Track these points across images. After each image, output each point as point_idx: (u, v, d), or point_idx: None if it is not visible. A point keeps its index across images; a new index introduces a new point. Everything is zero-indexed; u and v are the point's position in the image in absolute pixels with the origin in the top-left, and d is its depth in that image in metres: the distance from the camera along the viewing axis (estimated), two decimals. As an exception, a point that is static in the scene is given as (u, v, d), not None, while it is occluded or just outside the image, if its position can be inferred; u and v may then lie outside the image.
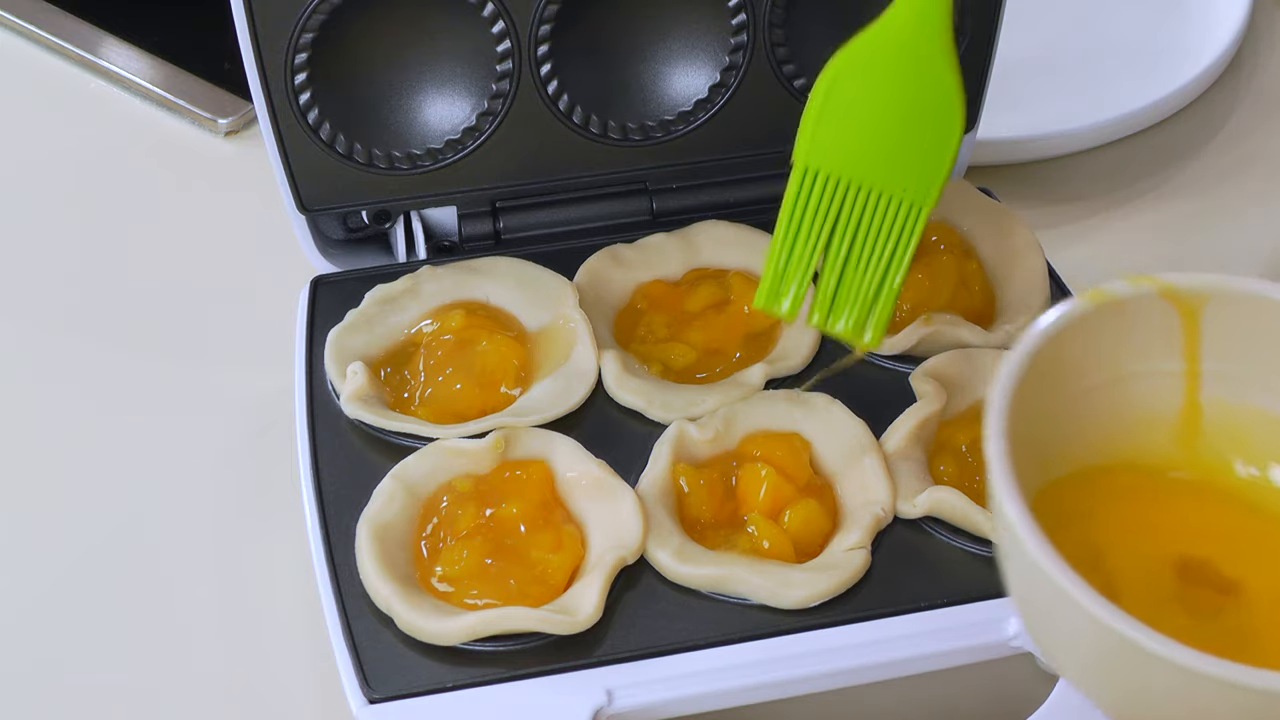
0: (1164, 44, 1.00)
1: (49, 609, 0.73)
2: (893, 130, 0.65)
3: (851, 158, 0.64)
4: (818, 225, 0.65)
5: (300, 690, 0.69)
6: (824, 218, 0.65)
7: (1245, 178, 0.95)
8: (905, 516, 0.68)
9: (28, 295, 0.88)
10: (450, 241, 0.81)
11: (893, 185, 0.65)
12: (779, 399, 0.72)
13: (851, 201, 0.65)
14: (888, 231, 0.65)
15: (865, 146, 0.64)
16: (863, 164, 0.64)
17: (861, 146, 0.64)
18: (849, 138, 0.64)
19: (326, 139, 0.76)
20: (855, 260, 0.66)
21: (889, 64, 0.64)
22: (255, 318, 0.85)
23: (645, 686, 0.63)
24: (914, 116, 0.65)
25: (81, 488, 0.78)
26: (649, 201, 0.82)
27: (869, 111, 0.64)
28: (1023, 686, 0.68)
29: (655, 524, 0.67)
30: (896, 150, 0.65)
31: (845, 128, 0.64)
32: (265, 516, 0.76)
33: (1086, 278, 0.79)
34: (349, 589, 0.65)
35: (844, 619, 0.65)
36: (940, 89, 0.65)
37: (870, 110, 0.64)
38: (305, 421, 0.72)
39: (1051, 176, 0.94)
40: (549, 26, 0.76)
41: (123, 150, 0.97)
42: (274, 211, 0.79)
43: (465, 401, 0.72)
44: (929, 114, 0.65)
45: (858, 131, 0.64)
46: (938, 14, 0.64)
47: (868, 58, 0.64)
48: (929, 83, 0.65)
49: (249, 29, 0.73)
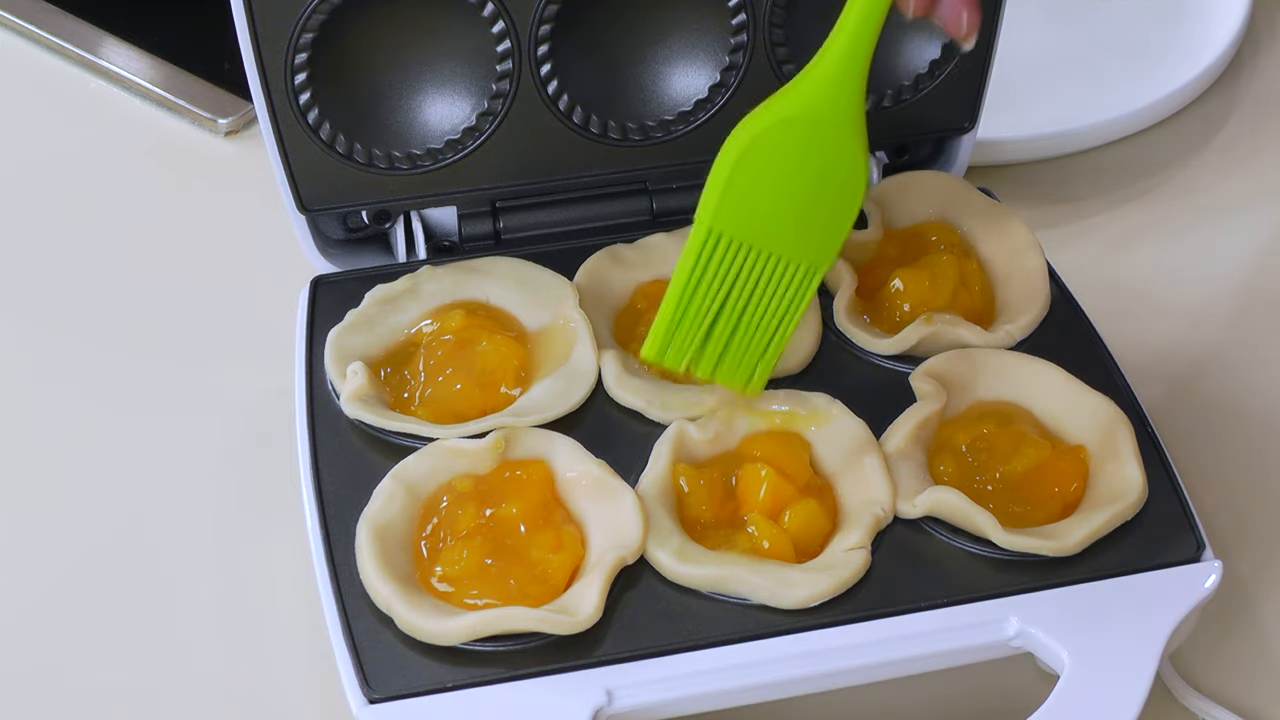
0: (1164, 44, 1.00)
1: (49, 609, 0.73)
2: (799, 200, 0.66)
3: (756, 225, 0.65)
4: (715, 285, 0.66)
5: (300, 690, 0.69)
6: (722, 278, 0.66)
7: (1245, 178, 0.95)
8: (905, 516, 0.68)
9: (28, 295, 0.88)
10: (450, 241, 0.81)
11: (793, 250, 0.66)
12: (779, 399, 0.72)
13: (751, 263, 0.66)
14: (783, 292, 0.67)
15: (770, 215, 0.65)
16: (767, 231, 0.66)
17: (767, 214, 0.65)
18: (755, 205, 0.65)
19: (326, 139, 0.76)
20: (749, 319, 0.67)
21: (800, 136, 0.65)
22: (255, 318, 0.85)
23: (645, 686, 0.63)
24: (820, 186, 0.66)
25: (81, 488, 0.78)
26: (649, 201, 0.82)
27: (777, 181, 0.65)
28: (1023, 686, 0.68)
29: (655, 524, 0.67)
30: (801, 218, 0.66)
31: (752, 196, 0.65)
32: (265, 516, 0.76)
33: (1086, 278, 0.80)
34: (349, 589, 0.65)
35: (844, 619, 0.64)
36: (848, 159, 0.66)
37: (778, 180, 0.65)
38: (305, 421, 0.72)
39: (1051, 176, 0.94)
40: (549, 26, 0.76)
41: (123, 150, 0.97)
42: (274, 211, 0.79)
43: (465, 401, 0.72)
44: (835, 183, 0.66)
45: (764, 200, 0.65)
46: (853, 84, 0.65)
47: (780, 130, 0.65)
48: (837, 153, 0.66)
49: (249, 29, 0.73)
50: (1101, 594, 0.66)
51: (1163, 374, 0.82)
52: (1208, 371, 0.84)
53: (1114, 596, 0.65)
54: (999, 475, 0.70)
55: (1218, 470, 0.78)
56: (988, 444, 0.70)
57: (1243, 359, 0.84)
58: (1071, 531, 0.67)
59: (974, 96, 0.83)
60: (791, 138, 0.65)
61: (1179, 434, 0.77)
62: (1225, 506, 0.76)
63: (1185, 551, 0.67)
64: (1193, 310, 0.87)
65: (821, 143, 0.65)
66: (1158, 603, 0.65)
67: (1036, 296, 0.77)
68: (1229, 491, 0.77)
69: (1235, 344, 0.85)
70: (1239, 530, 0.75)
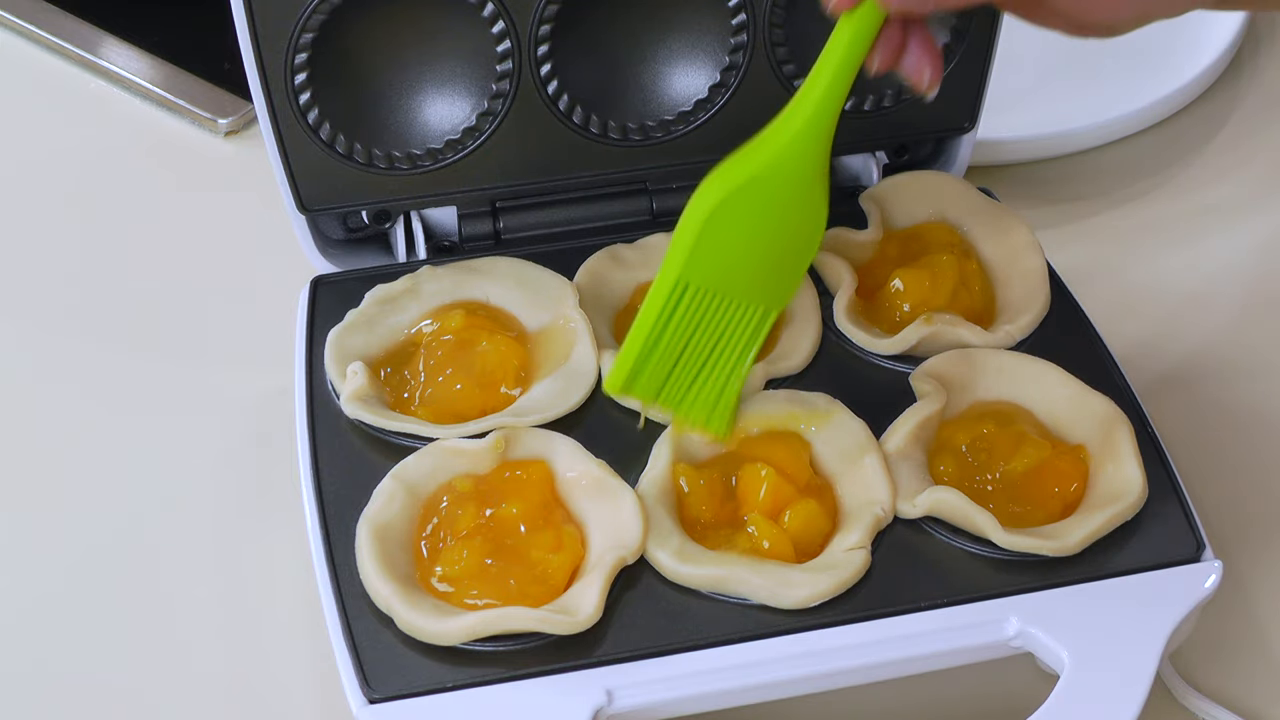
0: (1164, 44, 1.00)
1: (49, 609, 0.73)
2: (762, 250, 0.68)
3: (722, 274, 0.68)
4: (681, 329, 0.68)
5: (300, 690, 0.69)
6: (688, 323, 0.68)
7: (1245, 178, 0.95)
8: (905, 516, 0.68)
9: (28, 295, 0.88)
10: (450, 241, 0.81)
11: (754, 295, 0.68)
12: (779, 399, 0.72)
13: (713, 307, 0.68)
14: (740, 331, 0.69)
15: (735, 264, 0.68)
16: (731, 279, 0.68)
17: (732, 265, 0.68)
18: (722, 258, 0.67)
19: (326, 139, 0.76)
20: (711, 360, 0.69)
21: (766, 192, 0.67)
22: (255, 318, 0.85)
23: (645, 686, 0.63)
24: (783, 236, 0.68)
25: (81, 488, 0.78)
26: (649, 201, 0.82)
27: (743, 235, 0.68)
28: (1023, 686, 0.68)
29: (655, 524, 0.67)
30: (763, 266, 0.68)
31: (720, 249, 0.67)
32: (265, 516, 0.76)
33: (1086, 278, 0.80)
34: (349, 589, 0.65)
35: (844, 619, 0.64)
36: (811, 209, 0.68)
37: (745, 234, 0.67)
38: (305, 421, 0.72)
39: (1051, 176, 0.94)
40: (549, 26, 0.76)
41: (123, 150, 0.97)
42: (274, 211, 0.79)
43: (465, 401, 0.72)
44: (797, 232, 0.68)
45: (731, 252, 0.68)
46: (821, 141, 0.67)
47: (749, 189, 0.67)
48: (802, 205, 0.68)
49: (249, 29, 0.73)
50: (1101, 594, 0.66)
51: (1163, 374, 0.82)
52: (1208, 371, 0.84)
53: (1114, 596, 0.65)
54: (999, 475, 0.70)
55: (1218, 470, 0.78)
56: (988, 444, 0.70)
57: (1243, 359, 0.84)
58: (1071, 531, 0.67)
59: (974, 96, 0.83)
60: (759, 195, 0.67)
61: (1179, 434, 0.77)
62: (1225, 506, 0.76)
63: (1185, 551, 0.67)
64: (1193, 310, 0.87)
65: (787, 197, 0.67)
66: (1158, 603, 0.65)
67: (1036, 296, 0.77)
68: (1229, 491, 0.77)
69: (1235, 344, 0.85)
70: (1239, 530, 0.75)
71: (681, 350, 0.68)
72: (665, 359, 0.68)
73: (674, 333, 0.68)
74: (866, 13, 0.64)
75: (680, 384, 0.69)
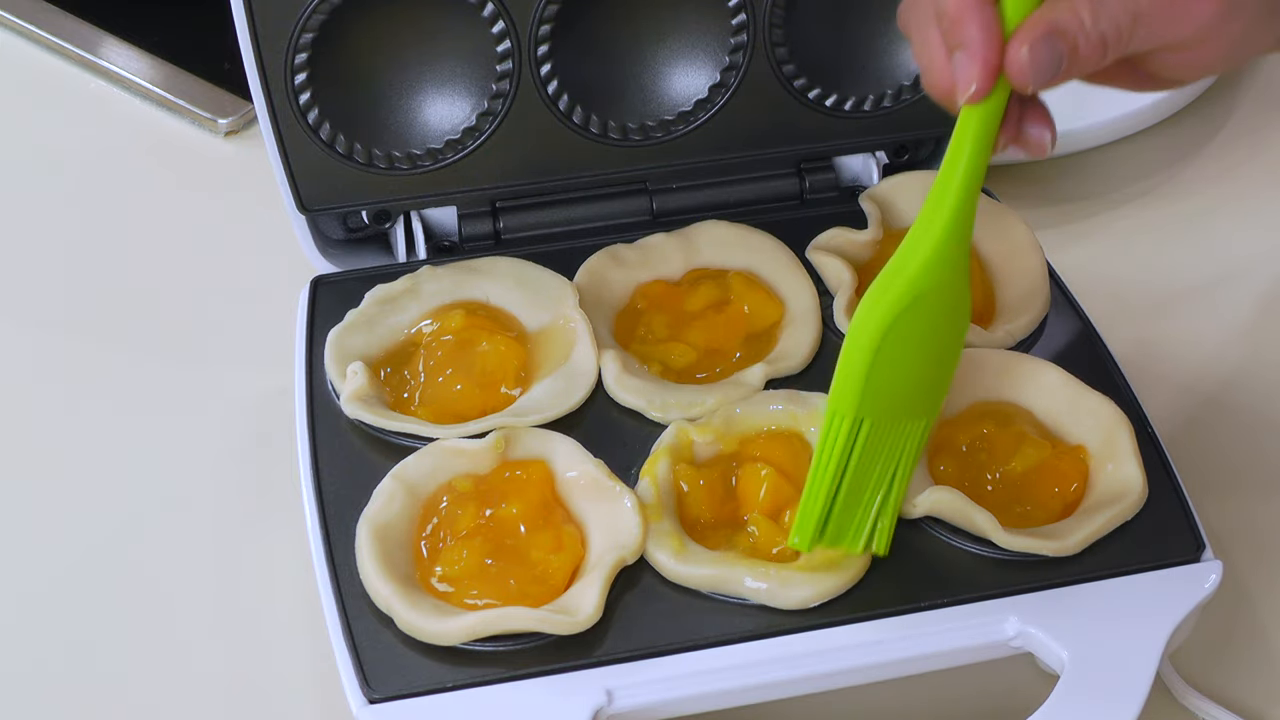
0: (1164, 44, 1.00)
1: (48, 609, 0.73)
2: (921, 364, 0.65)
3: (888, 400, 0.64)
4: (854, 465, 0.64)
5: (300, 690, 0.69)
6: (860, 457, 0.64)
7: (1245, 178, 0.95)
8: (905, 516, 0.68)
9: (27, 295, 0.88)
10: (450, 241, 0.81)
11: (917, 410, 0.65)
12: (779, 399, 0.72)
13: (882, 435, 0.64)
14: (899, 449, 0.65)
15: (899, 386, 0.64)
16: (896, 402, 0.64)
17: (896, 388, 0.64)
18: (887, 384, 0.64)
19: (326, 139, 0.76)
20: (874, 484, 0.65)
21: (924, 309, 0.63)
22: (255, 318, 0.85)
23: (645, 686, 0.63)
24: (940, 345, 0.65)
25: (81, 488, 0.78)
26: (649, 201, 0.82)
27: (905, 356, 0.64)
28: (1023, 686, 0.68)
29: (655, 524, 0.67)
30: (922, 380, 0.65)
31: (885, 377, 0.63)
32: (265, 516, 0.76)
33: (1086, 278, 0.80)
34: (349, 589, 0.65)
35: (844, 619, 0.64)
36: (961, 310, 0.65)
37: (906, 355, 0.64)
38: (305, 421, 0.72)
39: (1051, 176, 0.94)
40: (549, 26, 0.76)
41: (123, 150, 0.97)
42: (274, 211, 0.79)
43: (465, 401, 0.72)
44: (951, 337, 0.65)
45: (894, 377, 0.64)
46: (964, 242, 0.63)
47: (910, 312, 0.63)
48: (952, 309, 0.64)
49: (249, 29, 0.73)
50: (1101, 594, 0.66)
51: (1163, 374, 0.82)
52: (1208, 371, 0.84)
53: (1114, 596, 0.65)
54: (999, 475, 0.70)
55: (1218, 470, 0.78)
56: (988, 444, 0.70)
57: (1243, 359, 0.84)
58: (1071, 531, 0.67)
59: (974, 96, 0.82)
60: (918, 313, 0.63)
61: (1179, 434, 0.77)
62: (1225, 506, 0.76)
63: (1185, 551, 0.67)
64: (1193, 310, 0.87)
65: (941, 306, 0.64)
66: (1158, 603, 0.65)
67: (1036, 296, 0.77)
68: (1229, 491, 0.77)
69: (1235, 344, 0.85)
70: (1239, 530, 0.75)
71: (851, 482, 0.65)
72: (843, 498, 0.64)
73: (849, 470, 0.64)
74: (994, 97, 0.62)
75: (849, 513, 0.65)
